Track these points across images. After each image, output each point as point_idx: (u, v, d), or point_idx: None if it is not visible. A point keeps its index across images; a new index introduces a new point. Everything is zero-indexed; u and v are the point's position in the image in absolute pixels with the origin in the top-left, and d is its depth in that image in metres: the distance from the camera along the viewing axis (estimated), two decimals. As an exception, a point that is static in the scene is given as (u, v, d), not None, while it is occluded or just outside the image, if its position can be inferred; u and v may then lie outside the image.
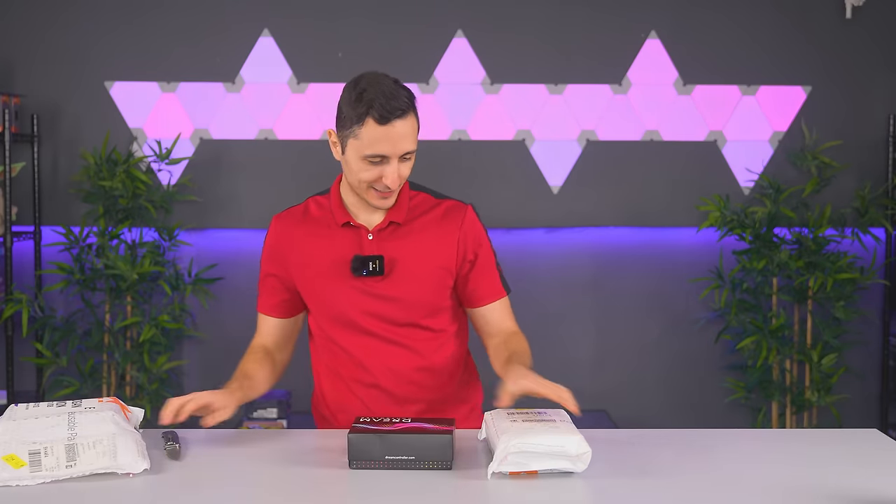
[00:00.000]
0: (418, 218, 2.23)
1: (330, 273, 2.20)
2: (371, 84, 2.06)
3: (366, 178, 2.11)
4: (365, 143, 2.07)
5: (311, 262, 2.23)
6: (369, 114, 2.04)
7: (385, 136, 2.05)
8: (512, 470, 1.84)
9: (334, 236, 2.22)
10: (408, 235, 2.21)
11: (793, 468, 1.92)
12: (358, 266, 2.18)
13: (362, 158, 2.09)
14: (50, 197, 4.10)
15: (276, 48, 4.11)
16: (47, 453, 1.80)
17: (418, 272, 2.20)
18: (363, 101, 2.05)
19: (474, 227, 2.25)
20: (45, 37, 4.08)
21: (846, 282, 3.97)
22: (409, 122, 2.08)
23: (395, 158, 2.08)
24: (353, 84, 2.10)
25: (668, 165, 4.18)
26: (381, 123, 2.04)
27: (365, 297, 2.19)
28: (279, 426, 3.94)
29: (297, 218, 2.29)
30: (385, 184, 2.10)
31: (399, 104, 2.05)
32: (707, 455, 2.01)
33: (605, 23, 4.14)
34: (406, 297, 2.19)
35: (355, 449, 1.88)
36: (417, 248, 2.20)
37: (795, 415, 4.07)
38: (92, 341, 3.93)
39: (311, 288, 2.24)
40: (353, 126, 2.07)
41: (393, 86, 2.07)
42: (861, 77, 4.17)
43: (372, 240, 2.20)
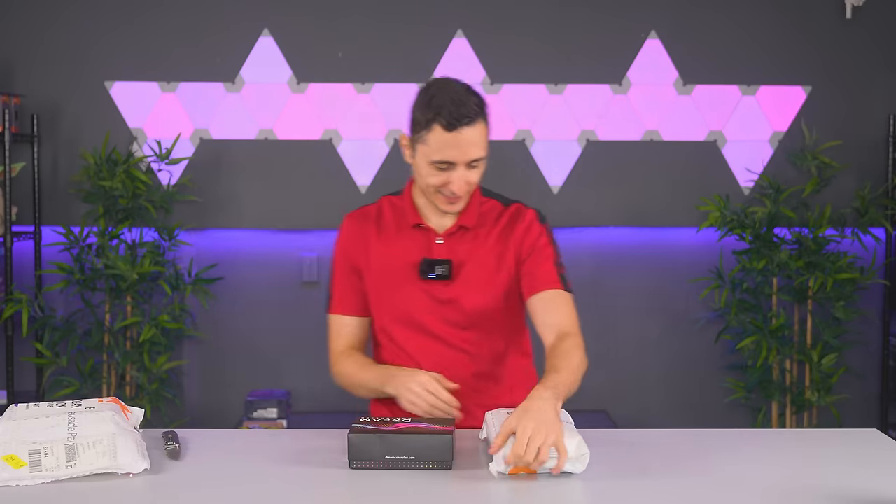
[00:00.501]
0: (487, 224, 2.25)
1: (398, 273, 2.22)
2: (441, 90, 2.09)
3: (433, 182, 2.13)
4: (433, 148, 2.09)
5: (380, 262, 2.24)
6: (437, 120, 2.07)
7: (453, 143, 2.07)
8: (511, 470, 1.84)
9: (404, 237, 2.24)
10: (475, 240, 2.23)
11: (793, 468, 1.92)
12: (426, 269, 2.20)
13: (430, 164, 2.11)
14: (50, 197, 4.10)
15: (276, 48, 4.11)
16: (47, 453, 1.80)
17: (483, 278, 2.21)
18: (431, 107, 2.08)
19: (533, 227, 2.24)
20: (45, 37, 4.08)
21: (846, 282, 3.97)
22: (478, 129, 2.09)
23: (463, 165, 2.10)
24: (425, 89, 2.13)
25: (668, 165, 4.17)
26: (449, 130, 2.06)
27: (430, 300, 2.21)
28: (279, 426, 3.94)
29: (369, 217, 2.29)
30: (451, 189, 2.12)
31: (467, 111, 2.06)
32: (707, 455, 2.01)
33: (605, 23, 4.14)
34: (470, 302, 2.21)
35: (355, 449, 1.88)
36: (484, 254, 2.22)
37: (795, 415, 4.07)
38: (92, 341, 3.93)
39: (379, 287, 2.24)
40: (422, 131, 2.10)
41: (463, 92, 2.09)
42: (861, 77, 4.17)
43: (441, 243, 2.22)
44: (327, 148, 4.15)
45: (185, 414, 4.20)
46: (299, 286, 4.20)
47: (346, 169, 4.15)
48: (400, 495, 1.76)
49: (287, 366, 4.22)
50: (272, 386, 4.21)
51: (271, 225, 4.16)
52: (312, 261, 4.18)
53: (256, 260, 4.20)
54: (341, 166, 4.15)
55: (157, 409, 3.99)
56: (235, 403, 4.21)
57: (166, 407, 4.10)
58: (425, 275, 2.20)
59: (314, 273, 4.18)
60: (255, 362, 4.21)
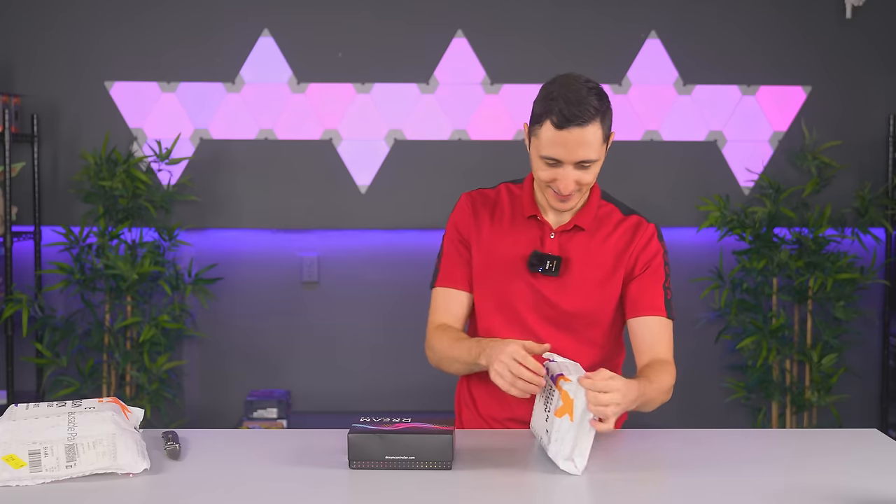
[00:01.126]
0: (603, 228, 2.23)
1: (506, 261, 2.21)
2: (562, 86, 2.07)
3: (543, 177, 2.12)
4: (542, 143, 2.08)
5: (489, 247, 2.23)
6: (548, 116, 2.05)
7: (561, 141, 2.05)
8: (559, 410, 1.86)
9: (518, 227, 2.23)
10: (588, 242, 2.21)
11: (793, 468, 1.92)
12: (535, 262, 2.18)
13: (540, 157, 2.10)
14: (50, 197, 4.10)
15: (276, 48, 4.11)
16: (47, 453, 1.80)
17: (589, 280, 2.20)
18: (548, 102, 2.06)
19: (652, 244, 2.22)
20: (45, 37, 4.08)
21: (846, 282, 3.97)
22: (591, 130, 2.05)
23: (570, 164, 2.08)
24: (549, 83, 2.11)
25: (668, 165, 4.17)
26: (558, 128, 2.05)
27: (534, 294, 2.20)
28: (279, 426, 3.94)
29: (487, 200, 2.28)
30: (558, 187, 2.11)
31: (581, 112, 2.03)
32: (707, 455, 2.01)
33: (605, 23, 4.14)
34: (572, 302, 2.19)
35: (355, 449, 1.88)
36: (594, 257, 2.20)
37: (795, 415, 4.07)
38: (92, 341, 3.93)
39: (485, 272, 2.23)
40: (535, 125, 2.09)
41: (584, 92, 2.05)
42: (861, 77, 4.17)
43: (553, 238, 2.21)
44: (327, 148, 4.15)
45: (185, 414, 4.20)
46: (299, 286, 4.20)
47: (346, 169, 4.14)
48: (400, 495, 1.76)
49: (287, 366, 4.22)
50: (272, 386, 4.21)
51: (271, 225, 4.16)
52: (312, 261, 4.18)
53: (256, 260, 4.20)
54: (341, 166, 4.15)
55: (157, 409, 3.99)
56: (235, 403, 4.21)
57: (166, 407, 4.10)
58: (534, 268, 2.18)
59: (314, 273, 4.18)
60: (255, 362, 4.21)
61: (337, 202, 4.15)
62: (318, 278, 4.19)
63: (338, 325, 4.21)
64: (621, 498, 1.77)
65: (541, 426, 1.97)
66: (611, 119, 2.10)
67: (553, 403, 1.90)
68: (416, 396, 4.17)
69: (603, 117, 2.07)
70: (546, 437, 1.92)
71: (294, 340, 4.21)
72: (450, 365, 2.22)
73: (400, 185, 4.13)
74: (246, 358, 4.21)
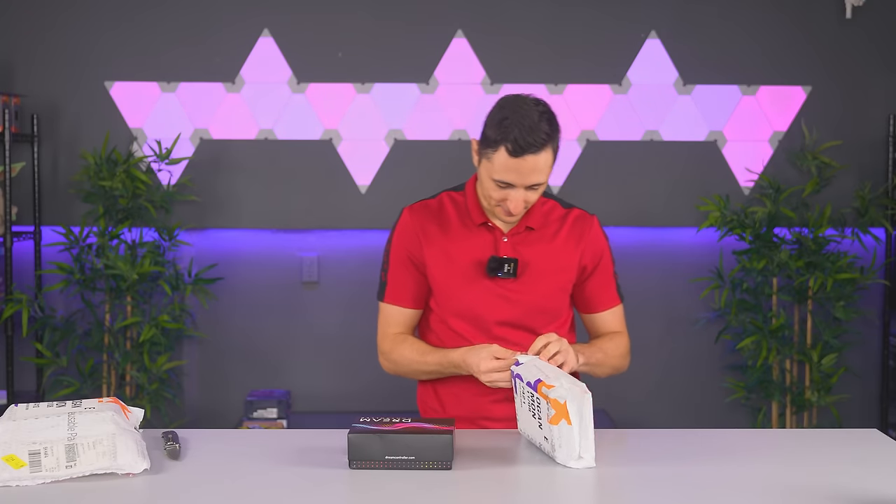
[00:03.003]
0: (549, 225, 2.29)
1: (464, 269, 2.25)
2: (514, 112, 2.10)
3: (494, 196, 2.17)
4: (495, 168, 2.12)
5: (446, 257, 2.26)
6: (503, 143, 2.09)
7: (515, 168, 2.10)
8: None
9: (471, 234, 2.27)
10: (539, 241, 2.27)
11: (793, 468, 1.92)
12: (495, 266, 2.23)
13: (491, 179, 2.14)
14: (50, 197, 4.10)
15: (276, 48, 4.11)
16: (47, 453, 1.80)
17: (546, 279, 2.26)
18: (502, 129, 2.09)
19: (598, 237, 2.33)
20: (45, 37, 4.08)
21: (846, 282, 3.97)
22: (544, 157, 2.10)
23: (522, 188, 2.13)
24: (501, 106, 2.14)
25: (668, 165, 4.17)
26: (513, 156, 2.09)
27: (495, 298, 2.24)
28: (279, 426, 3.94)
29: (432, 211, 2.31)
30: (508, 207, 2.15)
31: (535, 139, 2.07)
32: (707, 455, 2.01)
33: (605, 23, 4.14)
34: (532, 299, 2.25)
35: (355, 449, 1.88)
36: (546, 254, 2.27)
37: (795, 415, 4.07)
38: (92, 341, 3.93)
39: (444, 282, 2.27)
40: (488, 149, 2.12)
41: (536, 119, 2.09)
42: (861, 77, 4.17)
43: (507, 242, 2.26)
44: (327, 148, 4.15)
45: (185, 414, 4.20)
46: (299, 286, 4.20)
47: (346, 169, 4.14)
48: (400, 495, 1.76)
49: (287, 366, 4.22)
50: (272, 386, 4.21)
51: (271, 225, 4.16)
52: (312, 261, 4.18)
53: (256, 260, 4.20)
54: (341, 166, 4.15)
55: (157, 409, 3.99)
56: (235, 403, 4.21)
57: (166, 407, 4.10)
58: (493, 272, 2.23)
59: (314, 273, 4.18)
60: (255, 362, 4.21)
61: (337, 202, 4.15)
62: (318, 278, 4.19)
63: (338, 325, 4.21)
64: (621, 497, 1.77)
65: (536, 433, 1.98)
66: (559, 139, 2.15)
67: (543, 412, 1.92)
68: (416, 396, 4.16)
69: (554, 142, 2.12)
70: (547, 445, 1.94)
71: (294, 340, 4.21)
72: (414, 373, 2.31)
73: (400, 185, 4.13)
74: (246, 358, 4.21)
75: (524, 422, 2.04)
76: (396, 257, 2.30)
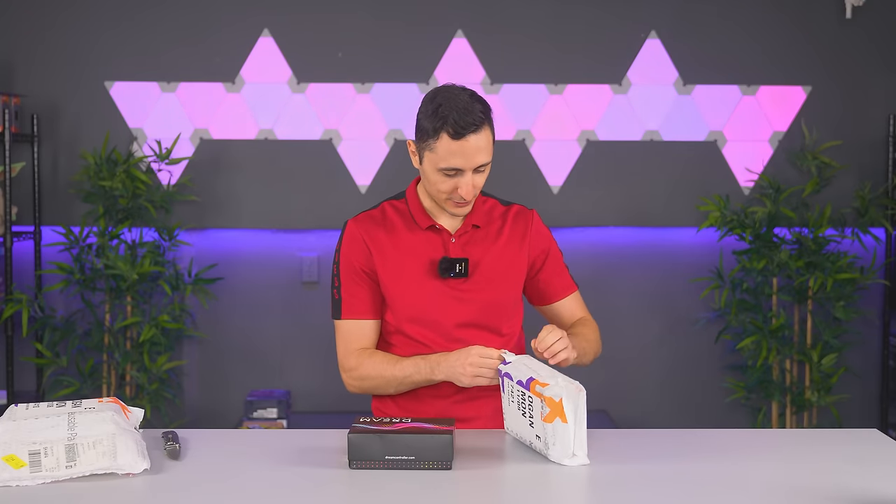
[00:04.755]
0: (493, 222, 2.32)
1: (413, 274, 2.25)
2: (447, 99, 2.13)
3: (443, 188, 2.18)
4: (440, 156, 2.13)
5: (395, 263, 2.26)
6: (444, 129, 2.11)
7: (459, 151, 2.12)
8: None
9: (418, 239, 2.27)
10: (485, 239, 2.29)
11: (793, 468, 1.92)
12: (447, 267, 2.23)
13: (438, 171, 2.15)
14: (50, 197, 4.10)
15: (276, 48, 4.11)
16: (47, 453, 1.80)
17: (496, 274, 2.27)
18: (438, 116, 2.11)
19: (541, 229, 2.35)
20: (45, 37, 4.08)
21: (846, 282, 3.97)
22: (484, 135, 2.14)
23: (470, 171, 2.15)
24: (430, 98, 2.16)
25: (668, 165, 4.18)
26: (456, 138, 2.11)
27: (449, 299, 2.24)
28: (279, 426, 3.94)
29: (376, 220, 2.31)
30: (461, 195, 2.16)
31: (473, 119, 2.11)
32: (707, 455, 2.01)
33: (605, 23, 4.14)
34: (486, 297, 2.26)
35: (355, 449, 1.88)
36: (494, 251, 2.29)
37: (795, 415, 4.07)
38: (92, 341, 3.93)
39: (396, 287, 2.26)
40: (429, 139, 2.14)
41: (468, 100, 2.13)
42: (861, 77, 4.17)
43: (455, 242, 2.27)
44: (327, 148, 4.15)
45: (185, 414, 4.20)
46: (299, 286, 4.20)
47: (347, 169, 4.15)
48: (400, 495, 1.76)
49: (287, 366, 4.22)
50: (272, 386, 4.22)
51: (271, 225, 4.16)
52: (312, 261, 4.18)
53: (256, 260, 4.20)
54: (341, 166, 4.15)
55: (157, 409, 3.99)
56: (235, 403, 4.21)
57: (166, 407, 4.10)
58: (446, 273, 2.23)
59: (314, 273, 4.18)
60: (255, 362, 4.21)
61: (337, 202, 4.15)
62: (318, 278, 4.19)
63: (338, 325, 4.20)
64: (621, 498, 1.77)
65: (526, 431, 1.99)
66: (492, 119, 2.19)
67: (535, 410, 1.92)
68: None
69: (489, 121, 2.17)
70: (540, 443, 1.95)
71: (294, 340, 4.21)
72: (384, 387, 2.25)
73: (400, 186, 4.07)
74: (246, 358, 4.21)
75: (512, 420, 2.04)
76: (347, 271, 2.27)
